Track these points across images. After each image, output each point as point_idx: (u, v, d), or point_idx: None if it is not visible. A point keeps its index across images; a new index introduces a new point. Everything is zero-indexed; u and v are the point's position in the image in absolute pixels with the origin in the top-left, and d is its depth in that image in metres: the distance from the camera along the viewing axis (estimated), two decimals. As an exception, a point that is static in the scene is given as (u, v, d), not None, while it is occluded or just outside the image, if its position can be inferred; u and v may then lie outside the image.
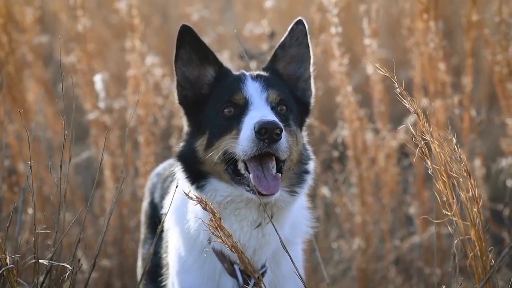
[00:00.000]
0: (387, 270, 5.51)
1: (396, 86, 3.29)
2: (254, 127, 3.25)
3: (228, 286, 3.54)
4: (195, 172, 3.48)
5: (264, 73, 3.62)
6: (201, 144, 3.48)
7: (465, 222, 3.38)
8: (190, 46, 3.57)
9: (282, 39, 3.67)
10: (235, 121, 3.39)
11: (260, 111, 3.37)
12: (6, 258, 3.37)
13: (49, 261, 3.47)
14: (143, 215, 4.35)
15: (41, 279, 3.51)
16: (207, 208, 3.20)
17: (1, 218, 5.09)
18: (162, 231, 3.75)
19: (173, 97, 3.68)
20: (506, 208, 5.51)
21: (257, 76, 3.55)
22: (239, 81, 3.51)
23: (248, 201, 3.41)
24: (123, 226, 5.66)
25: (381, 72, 3.26)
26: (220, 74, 3.61)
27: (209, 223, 3.21)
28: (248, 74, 3.59)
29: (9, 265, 3.37)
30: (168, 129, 5.95)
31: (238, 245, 3.26)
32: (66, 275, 3.50)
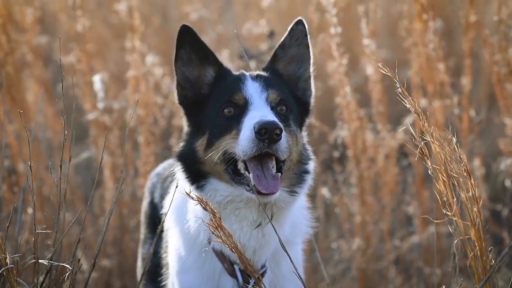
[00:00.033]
0: (387, 270, 5.50)
1: (397, 86, 3.29)
2: (254, 127, 3.25)
3: (228, 286, 3.54)
4: (195, 172, 3.48)
5: (264, 73, 3.62)
6: (201, 144, 3.48)
7: (465, 222, 3.38)
8: (190, 46, 3.56)
9: (282, 39, 3.67)
10: (235, 121, 3.39)
11: (260, 111, 3.37)
12: (6, 258, 3.37)
13: (49, 261, 3.46)
14: (143, 215, 4.35)
15: (41, 279, 3.51)
16: (208, 208, 3.20)
17: (1, 218, 5.10)
18: (162, 231, 3.75)
19: (173, 96, 3.68)
20: (506, 208, 5.51)
21: (257, 76, 3.55)
22: (239, 81, 3.51)
23: (248, 201, 3.41)
24: (123, 226, 5.65)
25: (383, 72, 3.26)
26: (220, 74, 3.61)
27: (209, 223, 3.21)
28: (248, 74, 3.58)
29: (9, 265, 3.37)
30: (168, 129, 5.94)
31: (238, 245, 3.26)
32: (66, 275, 3.50)
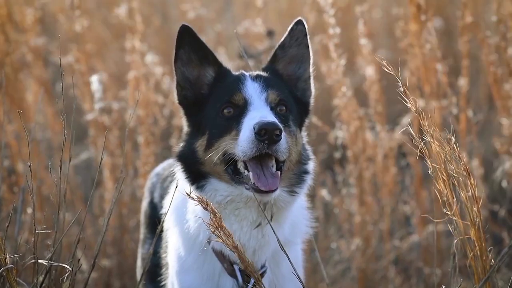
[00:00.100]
0: (387, 270, 5.51)
1: (395, 87, 3.29)
2: (253, 128, 3.25)
3: (228, 286, 3.54)
4: (195, 172, 3.48)
5: (264, 74, 3.62)
6: (201, 144, 3.48)
7: (465, 222, 3.38)
8: (190, 46, 3.56)
9: (282, 39, 3.66)
10: (234, 121, 3.39)
11: (259, 111, 3.37)
12: (5, 258, 3.37)
13: (49, 261, 3.46)
14: (142, 215, 4.35)
15: (40, 279, 3.51)
16: (208, 208, 3.20)
17: (0, 218, 5.10)
18: (161, 231, 3.75)
19: (173, 96, 3.68)
20: (503, 208, 5.51)
21: (256, 77, 3.55)
22: (239, 82, 3.50)
23: (247, 201, 3.41)
24: (122, 226, 5.65)
25: (386, 70, 3.26)
26: (219, 74, 3.60)
27: (210, 223, 3.21)
28: (248, 74, 3.58)
29: (8, 265, 3.36)
30: (168, 129, 5.94)
31: (238, 245, 3.26)
32: (65, 275, 3.50)
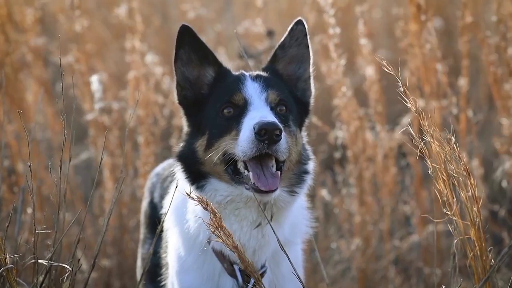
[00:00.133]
0: (387, 270, 5.51)
1: (395, 87, 3.29)
2: (253, 128, 3.25)
3: (228, 286, 3.54)
4: (195, 172, 3.48)
5: (264, 74, 3.61)
6: (201, 144, 3.48)
7: (465, 221, 3.38)
8: (190, 46, 3.56)
9: (282, 39, 3.66)
10: (234, 121, 3.39)
11: (259, 111, 3.37)
12: (5, 258, 3.37)
13: (49, 261, 3.46)
14: (142, 215, 4.35)
15: (40, 279, 3.51)
16: (208, 208, 3.20)
17: (0, 218, 5.10)
18: (161, 231, 3.75)
19: (173, 96, 3.68)
20: (503, 208, 5.51)
21: (256, 77, 3.55)
22: (239, 82, 3.50)
23: (247, 201, 3.41)
24: (122, 226, 5.65)
25: (387, 70, 3.26)
26: (219, 74, 3.60)
27: (210, 223, 3.21)
28: (248, 74, 3.58)
29: (8, 265, 3.36)
30: (168, 129, 5.94)
31: (238, 245, 3.26)
32: (65, 275, 3.50)
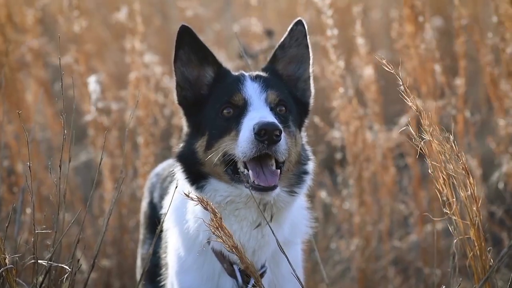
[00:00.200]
0: (386, 270, 5.51)
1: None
2: (253, 128, 3.25)
3: (228, 286, 3.54)
4: (195, 173, 3.48)
5: (263, 74, 3.61)
6: (200, 145, 3.48)
7: (464, 221, 3.38)
8: (189, 46, 3.56)
9: (282, 39, 3.66)
10: (234, 122, 3.39)
11: (259, 112, 3.36)
12: (5, 258, 3.36)
13: (48, 261, 3.46)
14: (142, 215, 4.35)
15: (40, 279, 3.51)
16: (208, 208, 3.20)
17: (0, 218, 5.09)
18: (161, 231, 3.75)
19: (173, 96, 3.68)
20: (501, 209, 5.51)
21: (256, 77, 3.55)
22: (238, 82, 3.50)
23: (247, 201, 3.41)
24: (122, 226, 5.65)
25: (387, 69, 3.27)
26: (219, 75, 3.60)
27: (210, 223, 3.21)
28: (247, 74, 3.58)
29: (8, 265, 3.36)
30: (167, 129, 5.94)
31: (238, 245, 3.26)
32: (65, 276, 3.50)
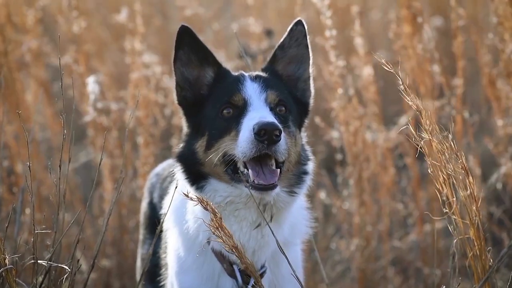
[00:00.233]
0: (386, 271, 5.51)
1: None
2: (253, 128, 3.25)
3: (227, 286, 3.54)
4: (195, 173, 3.48)
5: (263, 74, 3.62)
6: (200, 145, 3.48)
7: (464, 220, 3.38)
8: (189, 47, 3.56)
9: (282, 39, 3.66)
10: (234, 122, 3.39)
11: (259, 112, 3.37)
12: (5, 259, 3.37)
13: (48, 261, 3.46)
14: (142, 216, 4.35)
15: (40, 279, 3.51)
16: (208, 208, 3.20)
17: (0, 219, 5.09)
18: (161, 231, 3.75)
19: (173, 96, 3.68)
20: (502, 209, 5.51)
21: (256, 77, 3.55)
22: (238, 82, 3.50)
23: (247, 201, 3.41)
24: (122, 227, 5.65)
25: (387, 69, 3.27)
26: (219, 75, 3.60)
27: (210, 223, 3.21)
28: (247, 75, 3.58)
29: (8, 266, 3.36)
30: (167, 129, 5.94)
31: (239, 245, 3.26)
32: (65, 276, 3.50)
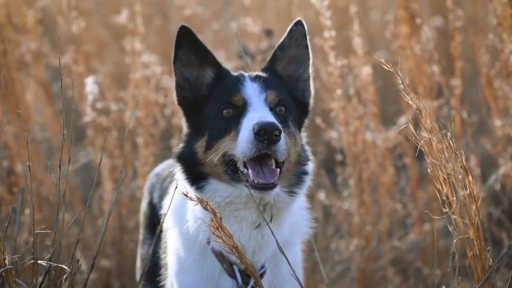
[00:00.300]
0: (386, 271, 5.51)
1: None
2: (253, 128, 3.25)
3: (227, 286, 3.54)
4: (195, 173, 3.48)
5: (263, 74, 3.62)
6: (200, 145, 3.48)
7: (464, 220, 3.38)
8: (189, 47, 3.56)
9: (281, 40, 3.66)
10: (234, 122, 3.39)
11: (258, 112, 3.37)
12: (5, 259, 3.37)
13: (48, 261, 3.46)
14: (142, 216, 4.35)
15: (40, 279, 3.51)
16: (208, 208, 3.20)
17: (0, 219, 5.09)
18: (161, 232, 3.75)
19: (173, 96, 3.68)
20: (501, 209, 5.51)
21: (255, 77, 3.55)
22: (238, 82, 3.50)
23: (247, 202, 3.41)
24: (122, 227, 5.65)
25: (386, 69, 3.27)
26: (219, 75, 3.60)
27: (210, 223, 3.21)
28: (247, 75, 3.58)
29: (8, 266, 3.36)
30: (167, 129, 5.94)
31: (239, 245, 3.26)
32: (65, 276, 3.50)
